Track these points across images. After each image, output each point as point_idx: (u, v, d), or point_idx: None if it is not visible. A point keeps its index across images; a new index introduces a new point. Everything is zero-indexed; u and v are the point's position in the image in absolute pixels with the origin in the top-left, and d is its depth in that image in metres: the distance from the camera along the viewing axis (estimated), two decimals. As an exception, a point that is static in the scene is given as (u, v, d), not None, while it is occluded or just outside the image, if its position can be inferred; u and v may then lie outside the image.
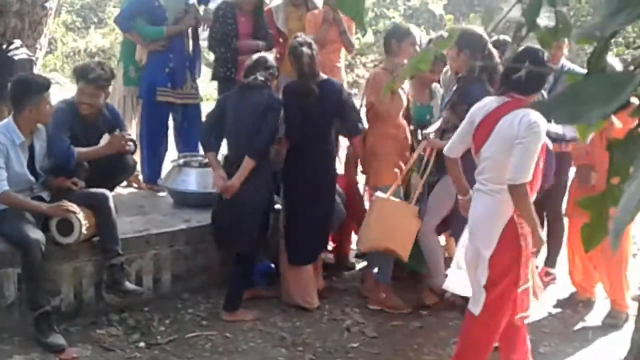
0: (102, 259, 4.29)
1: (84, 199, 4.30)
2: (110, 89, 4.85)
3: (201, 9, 5.88)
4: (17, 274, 4.09)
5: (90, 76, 4.52)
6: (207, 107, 10.65)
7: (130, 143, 4.73)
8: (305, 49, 4.56)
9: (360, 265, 5.43)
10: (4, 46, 6.00)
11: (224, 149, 4.73)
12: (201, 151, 5.74)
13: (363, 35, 11.23)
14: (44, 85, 4.26)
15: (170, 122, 5.88)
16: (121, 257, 4.26)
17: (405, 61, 4.59)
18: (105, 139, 4.77)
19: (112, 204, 4.32)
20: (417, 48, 4.83)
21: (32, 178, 4.31)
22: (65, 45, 12.77)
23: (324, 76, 4.71)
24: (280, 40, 6.21)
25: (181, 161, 5.31)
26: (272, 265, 5.04)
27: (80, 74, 4.59)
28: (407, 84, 4.95)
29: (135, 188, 5.67)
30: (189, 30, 5.80)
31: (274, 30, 6.10)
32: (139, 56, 5.74)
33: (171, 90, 5.60)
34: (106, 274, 4.28)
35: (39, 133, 4.37)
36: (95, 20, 13.83)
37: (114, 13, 13.77)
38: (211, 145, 4.64)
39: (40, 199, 4.33)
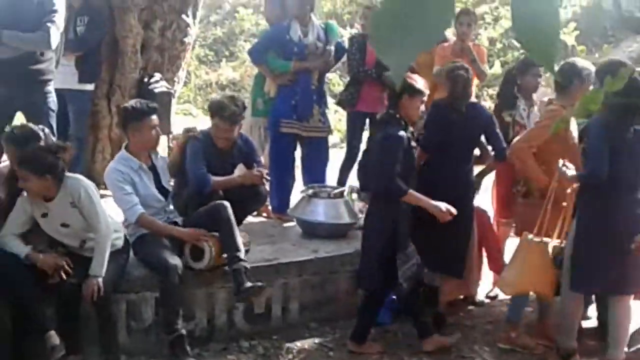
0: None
1: (205, 214, 4.44)
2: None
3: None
4: (154, 298, 4.26)
5: (225, 114, 4.70)
6: (332, 139, 10.77)
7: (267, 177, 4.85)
8: (462, 72, 4.68)
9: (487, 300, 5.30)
10: (145, 79, 6.36)
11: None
12: (327, 182, 5.86)
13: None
14: (143, 111, 4.41)
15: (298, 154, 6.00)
16: (243, 263, 4.27)
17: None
18: (239, 169, 4.92)
19: (230, 214, 4.38)
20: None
21: (161, 197, 4.51)
22: (198, 77, 13.29)
23: (473, 99, 4.72)
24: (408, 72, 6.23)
25: (310, 192, 5.38)
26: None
27: (216, 111, 4.76)
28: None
29: (265, 217, 5.79)
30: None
31: (403, 62, 6.13)
32: (268, 88, 5.90)
33: (297, 123, 5.70)
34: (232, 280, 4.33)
35: (155, 154, 4.59)
36: (227, 53, 14.33)
37: (244, 47, 14.26)
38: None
39: (176, 224, 4.51)
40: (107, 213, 4.13)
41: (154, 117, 4.43)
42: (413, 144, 4.41)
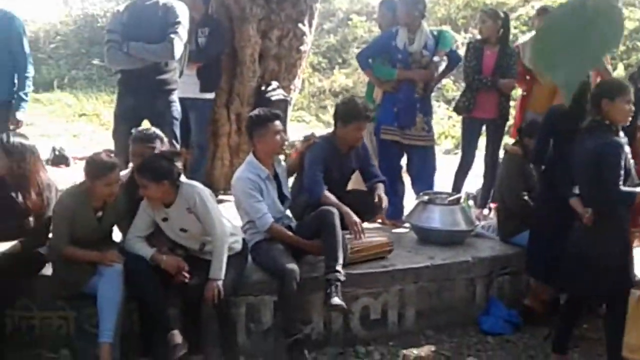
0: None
1: (314, 218, 4.48)
2: None
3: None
4: (273, 301, 4.34)
5: (367, 113, 4.83)
6: (446, 145, 10.64)
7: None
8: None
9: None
10: (263, 87, 6.50)
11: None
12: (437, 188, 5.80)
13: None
14: (268, 117, 4.52)
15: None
16: (337, 274, 4.23)
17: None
18: (354, 178, 4.98)
19: (337, 222, 4.38)
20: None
21: (281, 207, 4.61)
22: (312, 85, 13.47)
23: None
24: (527, 77, 6.09)
25: (426, 198, 5.33)
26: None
27: (355, 114, 4.81)
28: None
29: (380, 224, 5.78)
30: None
31: (521, 66, 6.01)
32: (375, 94, 5.91)
33: (398, 130, 5.67)
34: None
35: (278, 161, 4.67)
36: (340, 61, 14.45)
37: (356, 54, 14.38)
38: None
39: (289, 228, 4.58)
40: (223, 217, 4.24)
41: (278, 122, 4.54)
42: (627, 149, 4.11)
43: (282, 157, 4.79)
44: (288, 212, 4.81)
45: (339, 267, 4.27)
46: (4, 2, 5.61)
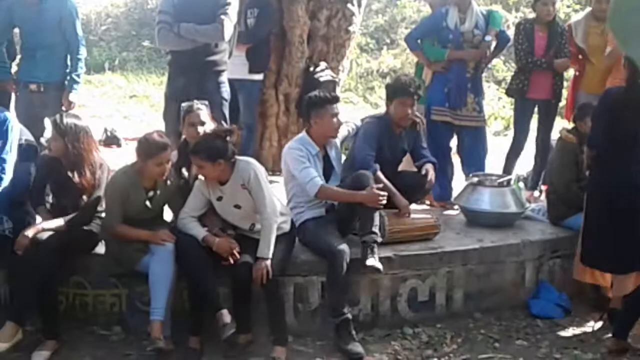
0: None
1: (351, 181, 4.47)
2: None
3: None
4: (320, 282, 4.36)
5: (411, 89, 4.80)
6: (495, 126, 10.49)
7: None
8: None
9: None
10: (311, 68, 6.50)
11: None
12: (490, 170, 5.73)
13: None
14: (327, 99, 4.54)
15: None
16: (373, 236, 4.26)
17: None
18: (406, 160, 4.96)
19: (372, 183, 4.38)
20: None
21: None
22: (359, 66, 13.40)
23: None
24: (580, 57, 5.97)
25: (475, 180, 5.28)
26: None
27: (400, 90, 4.83)
28: None
29: (428, 205, 5.75)
30: None
31: (573, 46, 5.89)
32: (425, 75, 5.86)
33: (449, 111, 5.61)
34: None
35: (330, 145, 4.68)
36: (388, 41, 14.34)
37: (405, 34, 14.24)
38: None
39: (333, 206, 4.60)
40: (274, 197, 4.27)
41: (335, 105, 4.54)
42: None
43: (337, 140, 4.76)
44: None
45: (374, 229, 4.30)
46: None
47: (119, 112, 12.27)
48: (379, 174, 4.65)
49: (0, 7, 5.20)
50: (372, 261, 4.21)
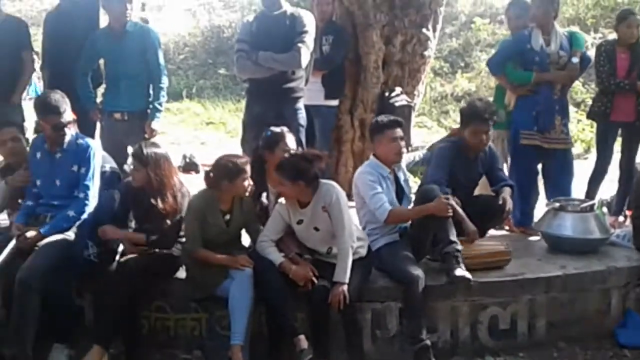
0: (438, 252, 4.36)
1: (420, 196, 4.49)
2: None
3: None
4: (399, 308, 4.31)
5: (486, 114, 4.76)
6: (576, 149, 10.26)
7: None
8: None
9: None
10: (387, 93, 6.50)
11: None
12: (573, 195, 5.58)
13: None
14: (385, 124, 4.56)
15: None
16: (454, 245, 4.25)
17: None
18: (482, 183, 4.88)
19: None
20: None
21: (399, 206, 4.58)
22: (433, 90, 13.32)
23: None
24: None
25: (557, 205, 5.15)
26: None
27: (474, 114, 4.80)
28: None
29: (507, 230, 5.64)
30: None
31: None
32: (508, 100, 5.76)
33: (538, 134, 5.48)
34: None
35: (399, 167, 4.69)
36: (462, 64, 14.23)
37: (480, 57, 14.07)
38: None
39: (406, 229, 4.58)
40: (352, 221, 4.28)
41: (397, 130, 4.54)
42: None
43: (403, 164, 4.76)
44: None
45: (453, 237, 4.27)
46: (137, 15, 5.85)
47: (196, 138, 12.54)
48: (450, 197, 4.60)
49: (86, 38, 5.40)
50: (461, 271, 4.17)
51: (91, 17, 5.62)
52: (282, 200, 4.31)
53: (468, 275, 4.18)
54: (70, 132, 4.46)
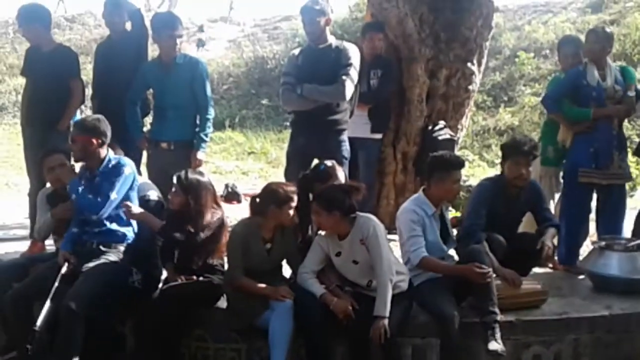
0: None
1: (466, 255, 4.43)
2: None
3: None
4: (439, 344, 4.25)
5: (525, 148, 4.73)
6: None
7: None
8: None
9: None
10: (430, 127, 6.49)
11: None
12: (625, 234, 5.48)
13: None
14: (453, 163, 4.52)
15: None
16: (493, 316, 4.18)
17: None
18: (528, 220, 4.84)
19: (487, 260, 4.33)
20: None
21: (444, 247, 4.57)
22: (475, 123, 13.27)
23: None
24: None
25: (603, 243, 5.06)
26: None
27: (513, 149, 4.79)
28: None
29: (551, 268, 5.55)
30: None
31: None
32: (562, 137, 5.66)
33: (596, 171, 5.40)
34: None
35: (446, 206, 4.67)
36: (505, 98, 14.17)
37: (523, 92, 14.02)
38: None
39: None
40: (392, 255, 4.27)
41: (460, 171, 4.54)
42: None
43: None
44: (452, 252, 4.75)
45: (494, 308, 4.20)
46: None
47: (238, 168, 12.66)
48: (485, 245, 4.55)
49: (135, 69, 5.52)
50: (495, 345, 4.10)
51: (140, 49, 5.74)
52: (322, 232, 4.32)
53: (502, 349, 4.08)
54: (108, 154, 4.51)
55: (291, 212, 4.25)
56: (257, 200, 4.35)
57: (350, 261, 4.22)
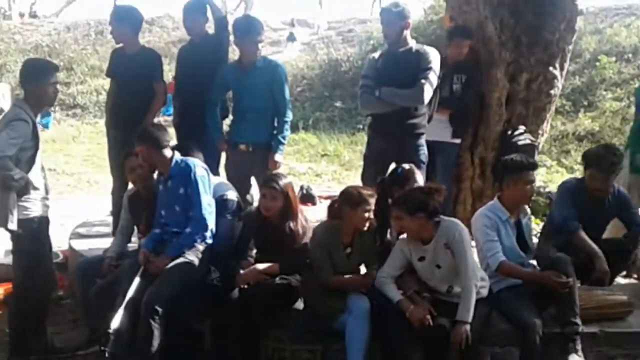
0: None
1: (550, 264, 4.34)
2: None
3: None
4: (519, 353, 4.17)
5: (603, 165, 4.61)
6: None
7: None
8: None
9: None
10: (509, 132, 6.37)
11: None
12: None
13: None
14: (524, 165, 4.46)
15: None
16: (574, 327, 4.11)
17: None
18: (613, 225, 4.70)
19: (572, 271, 4.23)
20: None
21: (522, 253, 4.49)
22: (554, 128, 12.99)
23: None
24: None
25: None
26: None
27: (593, 161, 4.69)
28: None
29: (636, 279, 5.38)
30: None
31: None
32: None
33: None
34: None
35: (524, 212, 4.55)
36: (585, 103, 13.82)
37: (604, 96, 13.66)
38: None
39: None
40: (475, 260, 4.23)
41: (532, 172, 4.46)
42: None
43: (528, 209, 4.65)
44: (533, 262, 4.64)
45: (575, 319, 4.12)
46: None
47: (311, 169, 12.73)
48: (582, 233, 4.45)
49: (215, 71, 5.61)
50: (575, 358, 4.04)
51: (221, 52, 5.81)
52: (403, 236, 4.29)
53: None
54: (174, 156, 4.57)
55: (366, 214, 4.23)
56: (335, 205, 4.37)
57: (434, 266, 4.19)
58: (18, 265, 4.57)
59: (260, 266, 4.39)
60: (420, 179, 4.51)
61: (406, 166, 4.56)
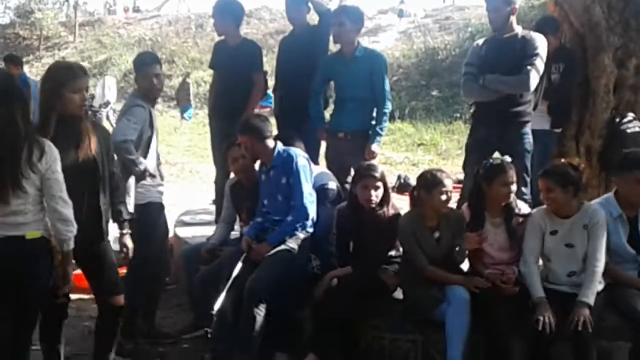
0: None
1: None
2: None
3: None
4: (628, 348, 4.04)
5: None
6: None
7: None
8: None
9: None
10: (617, 119, 6.14)
11: None
12: None
13: None
14: (631, 160, 4.30)
15: None
16: None
17: None
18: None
19: None
20: None
21: (632, 251, 4.30)
22: None
23: None
24: None
25: None
26: None
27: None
28: None
29: None
30: None
31: None
32: None
33: None
34: None
35: None
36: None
37: None
38: None
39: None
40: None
41: None
42: None
43: None
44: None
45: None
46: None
47: (408, 159, 12.66)
48: None
49: (316, 62, 5.66)
50: None
51: (322, 43, 5.87)
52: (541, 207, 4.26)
53: None
54: (276, 146, 4.65)
55: (443, 197, 4.22)
56: (414, 192, 4.39)
57: (564, 244, 4.13)
58: (134, 249, 4.73)
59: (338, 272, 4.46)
60: (512, 175, 4.29)
61: (497, 161, 4.41)
